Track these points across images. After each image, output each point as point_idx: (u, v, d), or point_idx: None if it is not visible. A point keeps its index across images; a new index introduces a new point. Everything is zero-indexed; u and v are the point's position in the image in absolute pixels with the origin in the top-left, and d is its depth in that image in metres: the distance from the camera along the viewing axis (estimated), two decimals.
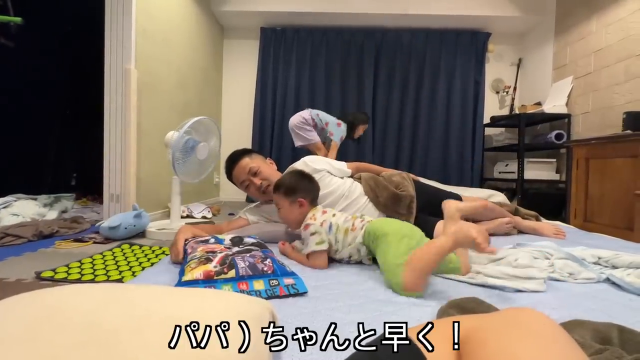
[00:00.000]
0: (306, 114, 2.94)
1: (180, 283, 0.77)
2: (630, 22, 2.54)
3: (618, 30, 2.64)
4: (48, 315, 0.38)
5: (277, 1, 3.59)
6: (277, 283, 0.80)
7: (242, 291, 0.76)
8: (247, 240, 1.03)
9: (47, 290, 0.43)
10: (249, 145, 3.79)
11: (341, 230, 1.07)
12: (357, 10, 3.56)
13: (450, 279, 0.93)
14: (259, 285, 0.79)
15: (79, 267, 1.41)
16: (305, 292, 0.80)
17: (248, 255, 0.87)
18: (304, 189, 1.20)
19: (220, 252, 0.89)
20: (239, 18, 3.82)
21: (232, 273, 0.80)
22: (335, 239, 1.07)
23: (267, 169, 1.45)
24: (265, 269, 0.83)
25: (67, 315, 0.38)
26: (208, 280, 0.78)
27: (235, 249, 0.95)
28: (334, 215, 1.13)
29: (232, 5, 3.61)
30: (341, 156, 3.37)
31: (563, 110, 3.10)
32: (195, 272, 0.79)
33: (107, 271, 1.38)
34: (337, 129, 2.96)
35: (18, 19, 2.30)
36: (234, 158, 1.45)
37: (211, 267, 0.81)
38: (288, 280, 0.81)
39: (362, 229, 1.04)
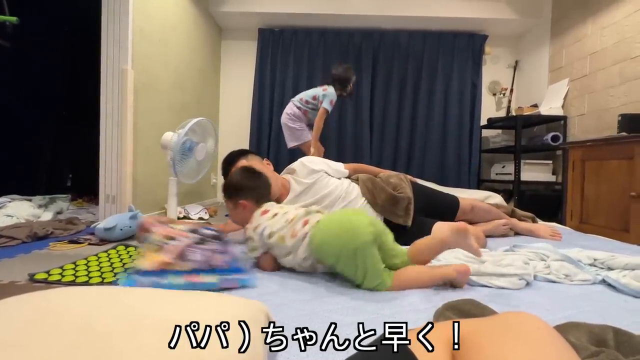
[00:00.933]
0: (289, 109, 2.86)
1: (132, 274, 0.79)
2: (625, 25, 2.56)
3: (613, 33, 2.66)
4: (41, 318, 0.37)
5: (275, 2, 3.59)
6: (228, 277, 0.81)
7: (192, 283, 0.78)
8: (205, 232, 0.98)
9: (40, 293, 0.43)
10: (246, 146, 3.78)
11: (275, 238, 0.97)
12: (355, 12, 3.57)
13: None
14: (210, 279, 0.80)
15: (73, 269, 1.39)
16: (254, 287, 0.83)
17: (205, 248, 0.88)
18: (247, 187, 1.14)
19: (178, 241, 0.87)
20: (237, 19, 3.81)
21: (185, 266, 0.81)
22: (270, 247, 1.00)
23: (264, 170, 1.44)
24: (219, 264, 0.84)
25: (61, 317, 0.38)
26: (160, 271, 0.79)
27: (194, 235, 0.92)
28: (274, 215, 1.03)
29: (230, 6, 3.61)
30: (339, 157, 3.38)
31: (559, 112, 3.12)
32: (148, 263, 0.80)
33: (102, 273, 1.37)
34: (325, 95, 2.74)
35: (14, 19, 2.28)
36: (231, 160, 1.44)
37: (166, 258, 0.82)
38: (240, 276, 0.83)
39: (305, 238, 0.92)
